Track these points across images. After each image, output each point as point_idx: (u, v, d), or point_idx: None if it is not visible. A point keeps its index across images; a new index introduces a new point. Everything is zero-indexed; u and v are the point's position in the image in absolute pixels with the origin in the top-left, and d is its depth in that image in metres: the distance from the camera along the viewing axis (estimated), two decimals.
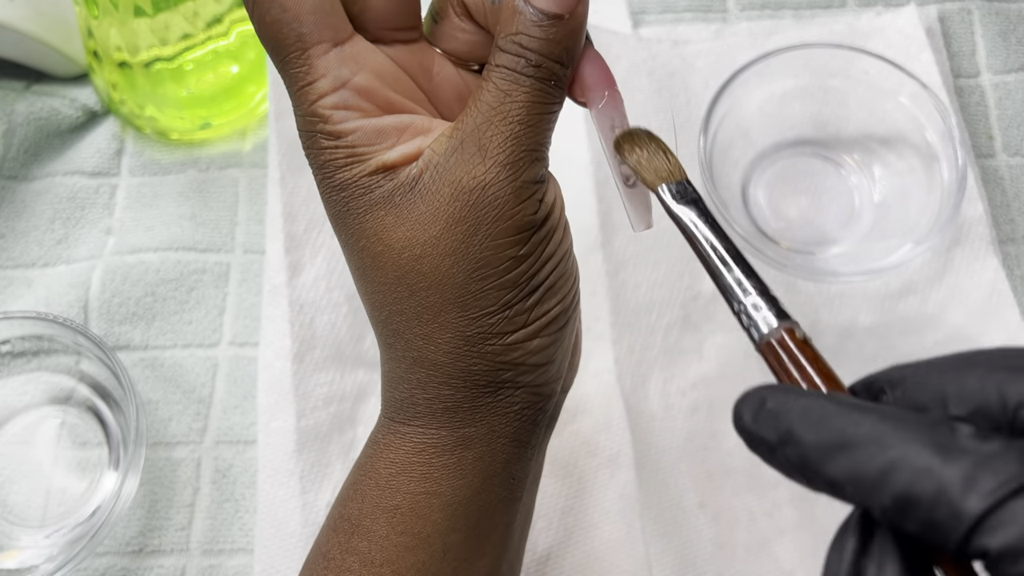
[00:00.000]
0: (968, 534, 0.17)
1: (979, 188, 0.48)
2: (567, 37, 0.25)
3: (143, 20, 0.44)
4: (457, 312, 0.26)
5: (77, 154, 0.49)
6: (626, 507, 0.41)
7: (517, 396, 0.27)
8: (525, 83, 0.25)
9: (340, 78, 0.26)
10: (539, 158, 0.26)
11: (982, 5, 0.53)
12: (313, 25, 0.25)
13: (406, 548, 0.27)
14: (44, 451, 0.43)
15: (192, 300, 0.46)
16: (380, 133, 0.26)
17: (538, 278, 0.26)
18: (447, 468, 0.28)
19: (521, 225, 0.26)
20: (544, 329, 0.27)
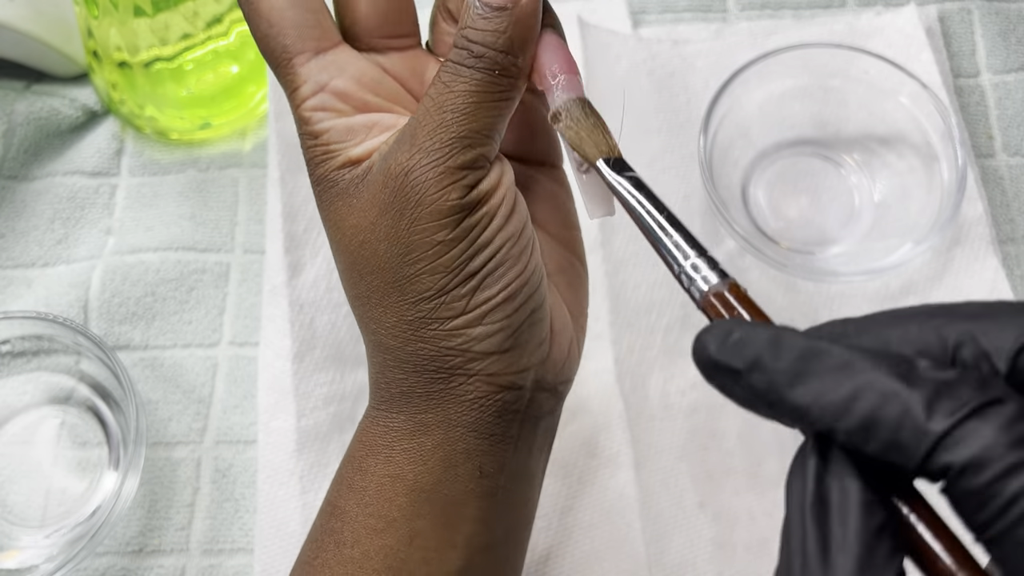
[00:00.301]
0: (929, 452, 0.18)
1: (979, 188, 0.48)
2: (512, 27, 0.26)
3: (143, 20, 0.44)
4: (397, 296, 0.27)
5: (77, 154, 0.49)
6: (626, 507, 0.41)
7: (471, 384, 0.28)
8: (465, 74, 0.26)
9: (319, 83, 0.28)
10: (472, 145, 0.27)
11: (982, 5, 0.53)
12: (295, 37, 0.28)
13: (374, 530, 0.28)
14: (44, 451, 0.43)
15: (192, 300, 0.46)
16: (350, 131, 0.28)
17: (474, 264, 0.27)
18: (408, 453, 0.28)
19: (445, 210, 0.26)
20: (487, 316, 0.27)
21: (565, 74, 0.27)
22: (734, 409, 0.43)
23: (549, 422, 0.31)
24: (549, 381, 0.30)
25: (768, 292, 0.46)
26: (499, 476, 0.29)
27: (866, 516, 0.19)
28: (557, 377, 0.30)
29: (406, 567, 0.28)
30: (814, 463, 0.20)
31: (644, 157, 0.48)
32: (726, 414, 0.44)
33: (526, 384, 0.29)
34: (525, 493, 0.31)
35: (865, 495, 0.19)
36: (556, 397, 0.31)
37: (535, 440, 0.30)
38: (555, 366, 0.30)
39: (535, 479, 0.31)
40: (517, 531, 0.31)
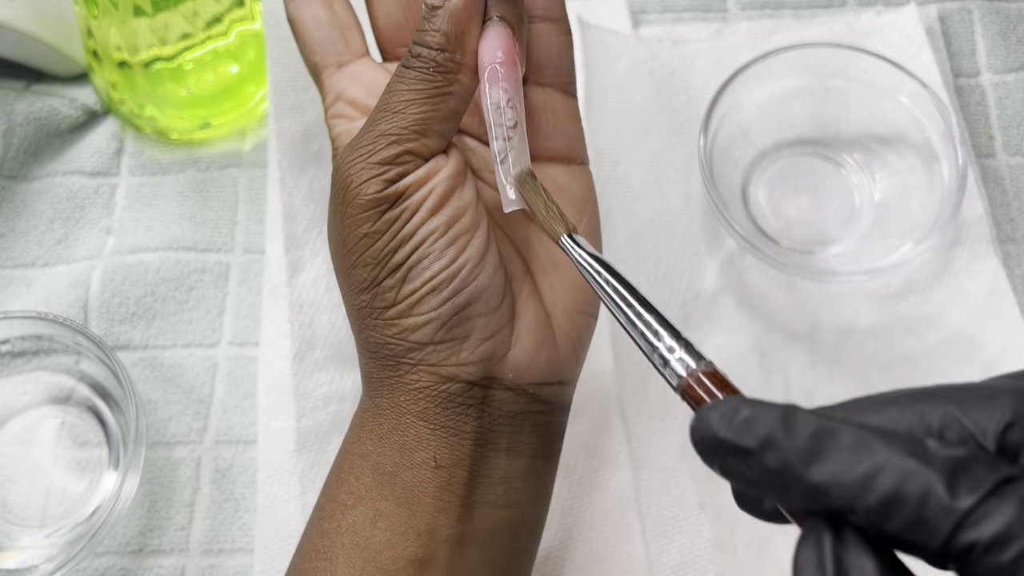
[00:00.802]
0: (955, 530, 0.18)
1: (979, 188, 0.48)
2: (445, 23, 0.27)
3: (143, 20, 0.44)
4: (345, 287, 0.29)
5: (77, 154, 0.49)
6: (626, 507, 0.41)
7: (415, 374, 0.29)
8: (404, 74, 0.28)
9: (337, 92, 0.33)
10: (398, 142, 0.28)
11: (982, 4, 0.53)
12: (322, 55, 0.33)
13: (344, 505, 0.29)
14: (44, 451, 0.43)
15: (192, 300, 0.46)
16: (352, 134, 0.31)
17: (397, 256, 0.28)
18: (371, 433, 0.29)
19: (364, 203, 0.28)
20: (415, 308, 0.28)
21: (492, 64, 0.28)
22: None
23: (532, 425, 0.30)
24: (510, 380, 0.29)
25: (768, 292, 0.46)
26: (457, 470, 0.29)
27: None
28: (522, 377, 0.29)
29: (370, 545, 0.28)
30: (830, 542, 0.19)
31: (644, 157, 0.48)
32: None
33: (473, 379, 0.29)
34: (512, 496, 0.30)
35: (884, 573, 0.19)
36: (529, 400, 0.30)
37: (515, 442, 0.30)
38: (518, 366, 0.29)
39: (526, 483, 0.30)
40: (506, 535, 0.30)
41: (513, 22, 0.28)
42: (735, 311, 0.46)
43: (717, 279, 0.46)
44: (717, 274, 0.46)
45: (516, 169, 0.28)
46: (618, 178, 0.48)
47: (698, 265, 0.47)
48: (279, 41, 0.47)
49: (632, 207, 0.47)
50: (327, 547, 0.29)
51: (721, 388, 0.23)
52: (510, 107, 0.28)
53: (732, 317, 0.46)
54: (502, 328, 0.29)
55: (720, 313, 0.46)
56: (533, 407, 0.30)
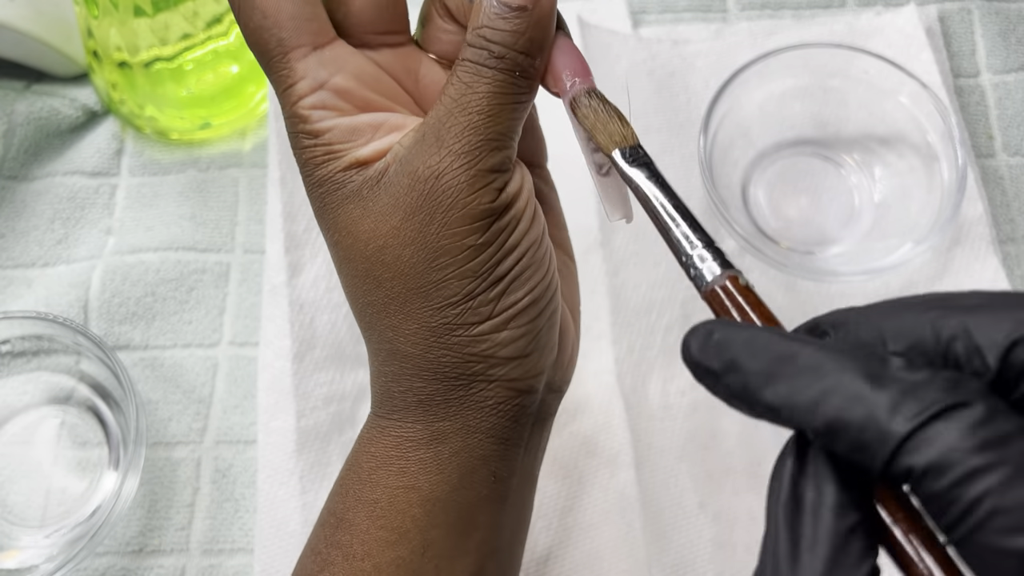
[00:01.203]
0: (893, 455, 0.18)
1: (979, 188, 0.48)
2: (531, 28, 0.26)
3: (143, 20, 0.44)
4: (421, 302, 0.27)
5: (77, 154, 0.49)
6: (626, 507, 0.41)
7: (491, 390, 0.27)
8: (487, 74, 0.26)
9: (318, 80, 0.27)
10: (500, 147, 0.26)
11: (982, 5, 0.53)
12: (292, 30, 0.27)
13: (386, 543, 0.27)
14: (44, 451, 0.43)
15: (192, 300, 0.46)
16: (354, 131, 0.27)
17: (502, 268, 0.26)
18: (423, 463, 0.28)
19: (477, 214, 0.26)
20: (512, 321, 0.27)
21: (580, 77, 0.27)
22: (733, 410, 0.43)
23: (551, 423, 0.31)
24: (556, 382, 0.30)
25: (768, 292, 0.46)
26: (511, 480, 0.29)
27: (838, 517, 0.19)
28: (563, 377, 0.30)
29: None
30: (790, 464, 0.20)
31: None
32: (726, 414, 0.43)
33: (540, 387, 0.29)
34: (529, 495, 0.31)
35: (839, 496, 0.19)
36: (559, 398, 0.31)
37: (540, 442, 0.30)
38: (562, 367, 0.30)
39: (536, 480, 0.31)
40: (521, 533, 0.31)
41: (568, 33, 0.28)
42: None
43: None
44: None
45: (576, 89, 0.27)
46: None
47: None
48: None
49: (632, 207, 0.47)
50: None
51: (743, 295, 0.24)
52: None
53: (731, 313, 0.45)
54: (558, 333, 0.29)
55: None
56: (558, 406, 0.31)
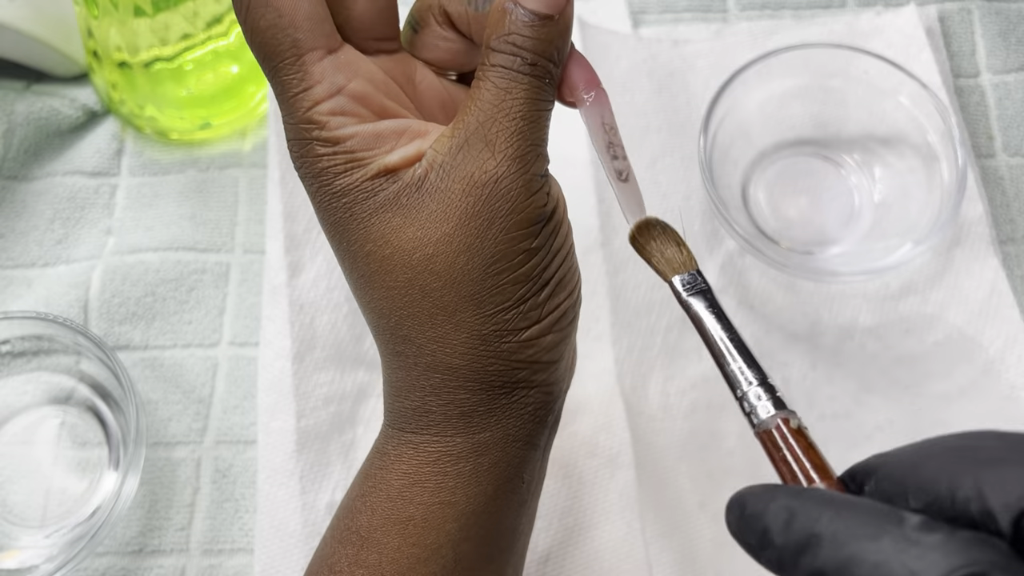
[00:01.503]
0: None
1: (979, 188, 0.48)
2: (558, 37, 0.26)
3: (143, 20, 0.44)
4: (473, 310, 0.26)
5: (77, 154, 0.49)
6: (626, 507, 0.41)
7: (531, 396, 0.28)
8: (523, 80, 0.26)
9: (336, 84, 0.26)
10: (542, 153, 0.26)
11: (982, 5, 0.53)
12: (308, 31, 0.26)
13: (417, 560, 0.27)
14: (44, 451, 0.43)
15: (192, 300, 0.46)
16: (378, 137, 0.26)
17: (549, 271, 0.27)
18: (462, 476, 0.27)
19: (533, 218, 0.26)
20: (556, 324, 0.27)
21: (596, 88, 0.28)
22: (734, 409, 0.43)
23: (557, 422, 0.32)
24: (569, 382, 0.30)
25: (768, 292, 0.46)
26: (533, 484, 0.29)
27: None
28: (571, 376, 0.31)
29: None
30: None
31: (644, 157, 0.48)
32: (726, 414, 0.44)
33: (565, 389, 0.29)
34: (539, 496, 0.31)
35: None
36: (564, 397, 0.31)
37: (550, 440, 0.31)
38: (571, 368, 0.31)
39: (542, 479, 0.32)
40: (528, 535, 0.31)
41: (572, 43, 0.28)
42: (735, 311, 0.46)
43: (717, 279, 0.46)
44: (717, 274, 0.46)
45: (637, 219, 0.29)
46: None
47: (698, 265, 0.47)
48: None
49: None
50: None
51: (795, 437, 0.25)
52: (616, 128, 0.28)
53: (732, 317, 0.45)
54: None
55: None
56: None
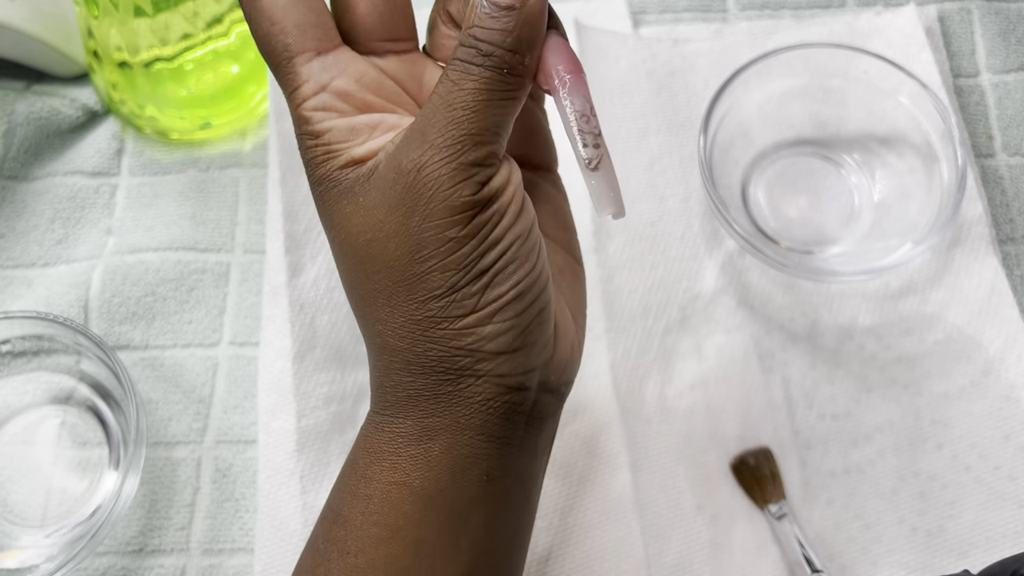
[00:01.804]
0: None
1: (979, 188, 0.48)
2: (520, 26, 0.26)
3: (143, 20, 0.44)
4: (406, 295, 0.27)
5: (77, 154, 0.49)
6: (625, 508, 0.41)
7: (480, 386, 0.28)
8: (474, 72, 0.26)
9: (320, 82, 0.28)
10: (483, 143, 0.27)
11: (982, 5, 0.53)
12: (297, 36, 0.28)
13: (379, 539, 0.28)
14: (44, 451, 0.43)
15: (192, 300, 0.46)
16: (352, 130, 0.28)
17: (485, 261, 0.27)
18: (415, 459, 0.28)
19: (458, 206, 0.26)
20: (497, 315, 0.27)
21: (571, 74, 0.28)
22: (733, 410, 0.44)
23: (552, 425, 0.31)
24: (553, 383, 0.30)
25: (768, 292, 0.46)
26: (505, 480, 0.29)
27: None
28: (560, 378, 0.30)
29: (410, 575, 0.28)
30: None
31: (644, 157, 0.49)
32: (725, 415, 0.44)
33: (532, 385, 0.29)
34: (529, 496, 0.31)
35: None
36: (558, 399, 0.31)
37: (539, 443, 0.30)
38: (559, 367, 0.30)
39: (538, 481, 0.31)
40: (521, 534, 0.31)
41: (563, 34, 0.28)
42: (735, 311, 0.46)
43: (717, 280, 0.46)
44: (717, 275, 0.47)
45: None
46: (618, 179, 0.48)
47: (698, 266, 0.47)
48: None
49: (631, 208, 0.47)
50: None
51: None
52: (594, 115, 0.28)
53: (732, 317, 0.46)
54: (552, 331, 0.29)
55: (720, 313, 0.46)
56: (559, 407, 0.31)
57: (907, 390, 0.44)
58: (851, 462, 0.43)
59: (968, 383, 0.44)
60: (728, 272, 0.47)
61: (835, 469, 0.43)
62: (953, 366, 0.45)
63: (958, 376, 0.44)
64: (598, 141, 0.28)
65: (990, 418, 0.43)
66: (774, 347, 0.45)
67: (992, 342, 0.45)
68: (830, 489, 0.42)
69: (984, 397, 0.44)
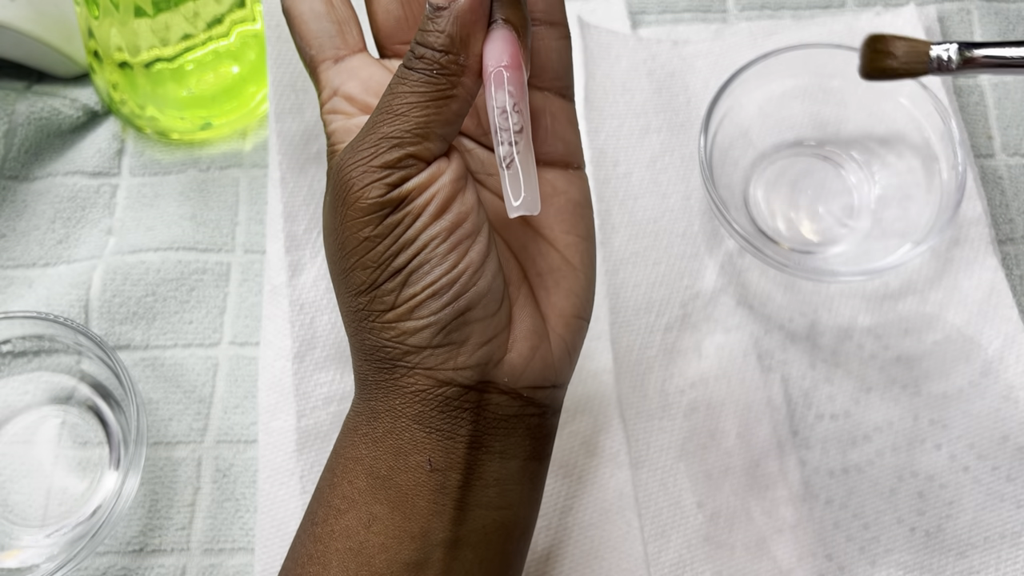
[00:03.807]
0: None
1: (978, 188, 0.48)
2: (451, 24, 0.27)
3: (144, 20, 0.44)
4: (344, 289, 0.29)
5: (78, 154, 0.49)
6: (625, 506, 0.41)
7: (412, 377, 0.29)
8: (407, 76, 0.28)
9: (333, 87, 0.32)
10: (401, 144, 0.27)
11: (981, 5, 0.53)
12: (318, 48, 0.32)
13: (337, 510, 0.29)
14: (45, 451, 0.43)
15: (192, 300, 0.46)
16: (348, 131, 0.31)
17: (398, 261, 0.28)
18: (365, 437, 0.29)
19: (366, 207, 0.28)
20: (414, 312, 0.28)
21: (497, 69, 0.28)
22: (733, 409, 0.44)
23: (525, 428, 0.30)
24: (505, 384, 0.29)
25: (768, 292, 0.46)
26: (451, 473, 0.29)
27: None
28: (517, 381, 0.30)
29: (364, 549, 0.28)
30: None
31: (646, 154, 0.49)
32: (725, 414, 0.44)
33: (469, 383, 0.29)
34: (504, 498, 0.30)
35: None
36: (526, 403, 0.30)
37: (508, 445, 0.30)
38: (513, 370, 0.29)
39: (519, 485, 0.31)
40: (499, 537, 0.30)
41: (518, 26, 0.28)
42: (735, 311, 0.46)
43: (717, 279, 0.46)
44: (717, 274, 0.47)
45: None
46: (618, 178, 0.48)
47: (698, 265, 0.47)
48: (280, 42, 0.47)
49: (632, 207, 0.47)
50: (320, 552, 0.29)
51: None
52: (516, 111, 0.28)
53: (732, 317, 0.46)
54: (499, 333, 0.29)
55: (720, 313, 0.46)
56: (527, 410, 0.30)
57: (906, 390, 0.44)
58: (850, 462, 0.43)
59: (967, 383, 0.44)
60: (728, 271, 0.47)
61: (834, 468, 0.43)
62: (952, 366, 0.45)
63: (957, 376, 0.44)
64: (516, 139, 0.28)
65: (989, 418, 0.43)
66: (773, 347, 0.45)
67: (991, 342, 0.45)
68: (829, 488, 0.42)
69: (983, 397, 0.44)
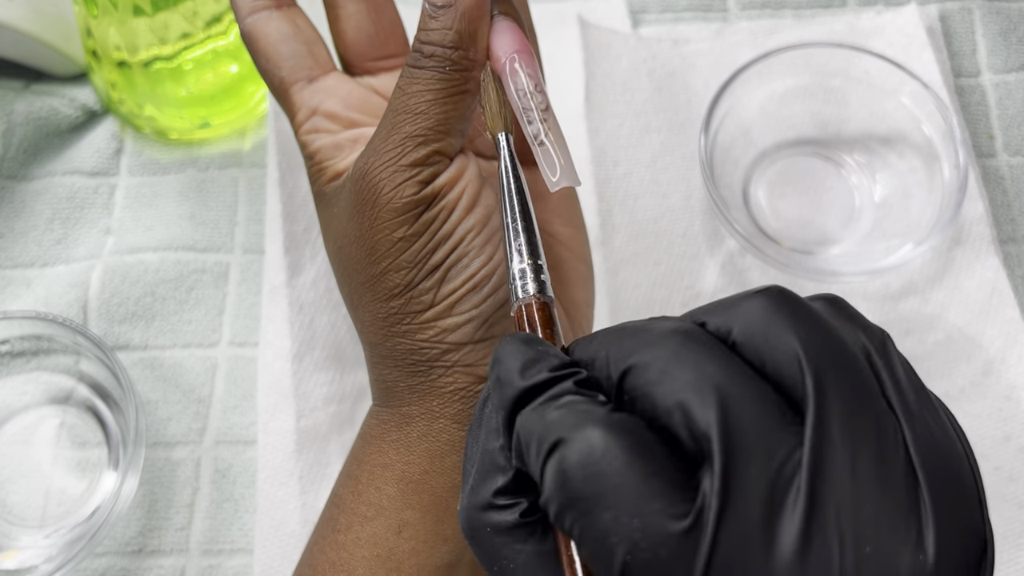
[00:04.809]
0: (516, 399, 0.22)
1: (980, 188, 0.48)
2: (458, 21, 0.27)
3: (142, 19, 0.44)
4: (370, 295, 0.29)
5: (76, 154, 0.49)
6: None
7: (450, 376, 0.28)
8: (418, 75, 0.28)
9: (311, 107, 0.31)
10: (426, 142, 0.27)
11: (983, 4, 0.53)
12: (289, 69, 0.32)
13: (364, 517, 0.29)
14: (43, 451, 0.43)
15: (191, 300, 0.46)
16: (337, 147, 0.30)
17: (436, 257, 0.28)
18: (396, 444, 0.29)
19: (401, 207, 0.27)
20: (455, 307, 0.28)
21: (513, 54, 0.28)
22: None
23: None
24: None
25: None
26: None
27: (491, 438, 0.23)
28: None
29: (394, 555, 0.28)
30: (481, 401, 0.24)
31: (647, 154, 0.48)
32: None
33: None
34: None
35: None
36: None
37: None
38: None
39: None
40: None
41: (515, 16, 0.29)
42: None
43: (717, 279, 0.46)
44: (717, 274, 0.46)
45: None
46: (618, 178, 0.48)
47: (698, 265, 0.47)
48: None
49: (632, 207, 0.47)
50: (345, 559, 0.29)
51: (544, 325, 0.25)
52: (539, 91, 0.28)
53: None
54: None
55: None
56: None
57: None
58: None
59: (968, 383, 0.44)
60: (728, 272, 0.47)
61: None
62: (953, 366, 0.44)
63: (958, 376, 0.44)
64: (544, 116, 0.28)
65: (990, 419, 0.43)
66: None
67: (993, 342, 0.45)
68: None
69: (984, 397, 0.44)
